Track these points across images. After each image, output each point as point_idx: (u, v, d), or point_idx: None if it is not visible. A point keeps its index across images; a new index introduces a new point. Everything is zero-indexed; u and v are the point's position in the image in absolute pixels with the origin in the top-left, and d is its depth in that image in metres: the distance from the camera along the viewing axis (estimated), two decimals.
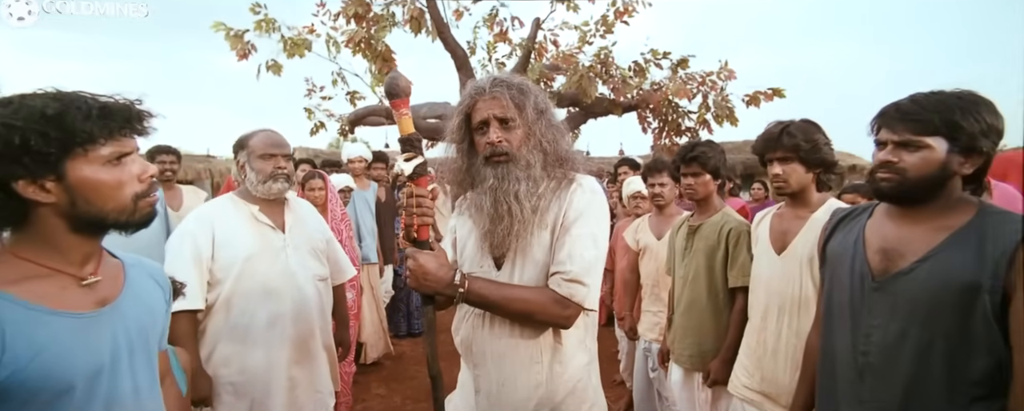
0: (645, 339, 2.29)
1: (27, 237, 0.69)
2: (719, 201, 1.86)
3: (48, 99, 0.65)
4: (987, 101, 0.86)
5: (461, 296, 0.96)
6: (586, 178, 1.08)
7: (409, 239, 1.01)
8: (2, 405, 0.62)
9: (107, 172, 0.68)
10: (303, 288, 1.52)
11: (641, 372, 2.35)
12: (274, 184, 1.46)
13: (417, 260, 0.95)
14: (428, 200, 1.02)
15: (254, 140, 1.47)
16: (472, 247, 1.10)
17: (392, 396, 3.06)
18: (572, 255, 0.98)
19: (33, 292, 0.67)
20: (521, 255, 1.03)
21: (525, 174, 1.00)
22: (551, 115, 1.06)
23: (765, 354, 1.44)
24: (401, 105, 1.01)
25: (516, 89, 1.02)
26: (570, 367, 1.05)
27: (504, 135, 1.01)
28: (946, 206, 0.89)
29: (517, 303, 0.98)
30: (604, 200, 1.08)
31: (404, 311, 4.12)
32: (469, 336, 1.08)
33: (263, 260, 1.45)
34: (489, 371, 1.05)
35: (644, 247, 2.29)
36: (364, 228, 3.42)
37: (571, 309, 0.99)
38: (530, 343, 1.03)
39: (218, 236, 1.41)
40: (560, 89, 5.46)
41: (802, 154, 1.34)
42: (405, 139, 1.03)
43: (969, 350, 0.81)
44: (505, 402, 1.04)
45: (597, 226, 1.03)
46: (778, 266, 1.42)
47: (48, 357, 0.64)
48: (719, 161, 1.80)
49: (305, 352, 1.53)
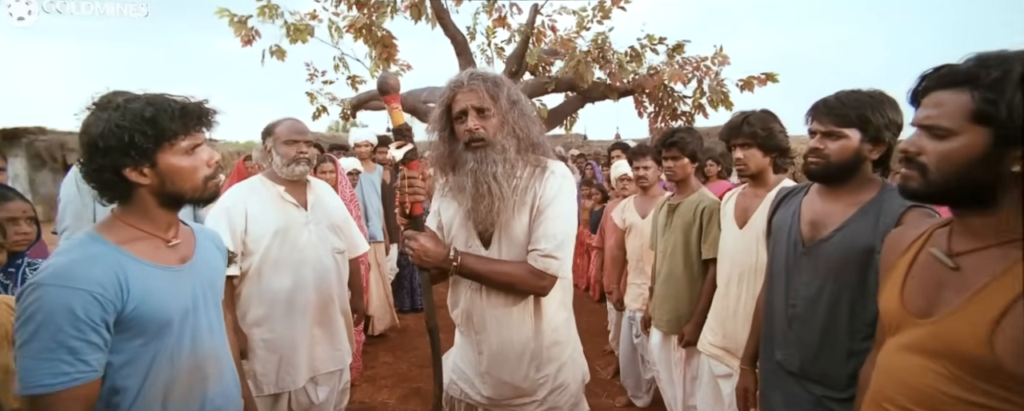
0: (630, 309, 2.51)
1: (130, 209, 0.90)
2: (696, 182, 2.06)
3: (144, 103, 0.84)
4: (892, 100, 1.04)
5: (455, 269, 1.15)
6: (557, 164, 1.24)
7: (404, 215, 1.22)
8: (125, 334, 0.83)
9: (185, 160, 0.88)
10: (323, 259, 1.72)
11: (626, 339, 2.59)
12: (297, 166, 1.65)
13: (418, 241, 1.15)
14: (419, 180, 1.21)
15: (280, 128, 1.65)
16: (458, 226, 1.25)
17: (398, 363, 3.31)
18: (546, 234, 1.16)
19: (139, 250, 0.88)
20: (505, 235, 1.20)
21: (502, 157, 1.15)
22: (523, 105, 1.22)
23: (728, 316, 1.66)
24: (392, 100, 1.20)
25: (491, 82, 1.18)
26: (553, 323, 1.26)
27: (481, 123, 1.15)
28: (859, 185, 1.09)
29: (501, 276, 1.17)
30: (573, 183, 1.25)
31: (408, 288, 4.36)
32: (469, 307, 1.26)
33: (289, 234, 1.65)
34: (490, 335, 1.24)
35: (630, 225, 2.50)
36: (371, 208, 3.62)
37: (547, 280, 1.17)
38: (520, 308, 1.22)
39: (250, 212, 1.61)
40: (558, 74, 5.56)
41: (760, 141, 1.53)
42: (396, 129, 1.22)
43: (865, 300, 1.02)
44: (505, 357, 1.24)
45: (567, 207, 1.20)
46: (740, 239, 1.62)
47: (154, 298, 0.86)
48: (696, 146, 1.99)
49: (326, 315, 1.75)
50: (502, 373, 1.24)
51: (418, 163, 1.24)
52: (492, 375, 1.25)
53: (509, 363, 1.23)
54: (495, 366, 1.25)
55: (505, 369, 1.23)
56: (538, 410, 1.26)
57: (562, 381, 1.27)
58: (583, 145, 9.30)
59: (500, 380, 1.24)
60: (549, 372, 1.25)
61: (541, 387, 1.25)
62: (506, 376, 1.24)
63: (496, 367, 1.24)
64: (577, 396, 1.32)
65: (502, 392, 1.26)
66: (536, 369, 1.23)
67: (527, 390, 1.24)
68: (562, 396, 1.27)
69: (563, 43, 5.51)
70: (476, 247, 1.23)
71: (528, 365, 1.23)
